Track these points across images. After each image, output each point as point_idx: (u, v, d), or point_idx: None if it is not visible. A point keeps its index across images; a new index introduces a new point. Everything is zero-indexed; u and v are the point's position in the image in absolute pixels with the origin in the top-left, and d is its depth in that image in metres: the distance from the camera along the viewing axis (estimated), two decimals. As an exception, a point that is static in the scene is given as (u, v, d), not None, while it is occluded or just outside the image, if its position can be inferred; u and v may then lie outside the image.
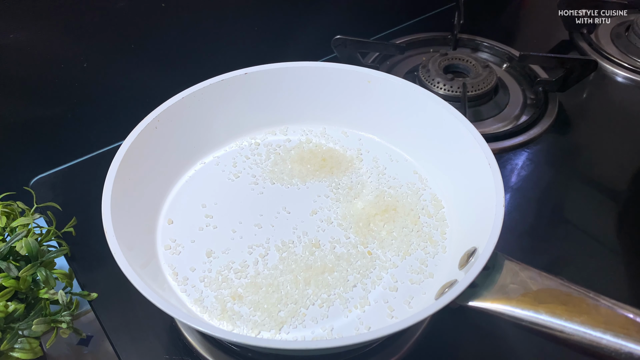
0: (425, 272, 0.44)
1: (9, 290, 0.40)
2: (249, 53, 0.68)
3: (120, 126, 0.48)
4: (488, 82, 0.66)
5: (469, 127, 0.46)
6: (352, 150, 0.54)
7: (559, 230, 0.54)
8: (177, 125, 0.49)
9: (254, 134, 0.56)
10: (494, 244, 0.36)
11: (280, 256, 0.44)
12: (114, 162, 0.43)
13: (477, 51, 0.77)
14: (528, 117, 0.65)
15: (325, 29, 0.71)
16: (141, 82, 0.62)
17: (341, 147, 0.54)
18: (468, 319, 0.45)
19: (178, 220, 0.47)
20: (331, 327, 0.40)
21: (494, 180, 0.41)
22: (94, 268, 0.49)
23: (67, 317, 0.43)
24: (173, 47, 0.62)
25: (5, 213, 0.44)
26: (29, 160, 0.59)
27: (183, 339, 0.45)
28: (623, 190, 0.59)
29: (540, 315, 0.33)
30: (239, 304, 0.41)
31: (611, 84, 0.73)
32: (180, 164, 0.51)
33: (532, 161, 0.61)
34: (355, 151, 0.54)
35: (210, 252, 0.45)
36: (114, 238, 0.38)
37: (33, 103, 0.55)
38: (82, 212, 0.50)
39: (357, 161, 0.53)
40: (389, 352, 0.44)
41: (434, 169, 0.51)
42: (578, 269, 0.51)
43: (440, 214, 0.48)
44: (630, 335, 0.31)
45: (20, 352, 0.40)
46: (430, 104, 0.49)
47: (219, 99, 0.51)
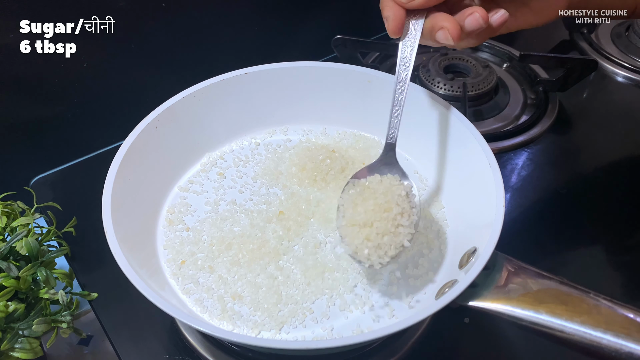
0: (426, 272, 0.44)
1: (9, 290, 0.40)
2: (249, 53, 0.68)
3: (120, 126, 0.48)
4: (488, 82, 0.66)
5: (469, 126, 0.46)
6: (352, 150, 0.54)
7: (559, 230, 0.54)
8: (177, 125, 0.49)
9: (254, 134, 0.56)
10: (494, 244, 0.36)
11: (280, 256, 0.44)
12: (114, 162, 0.43)
13: (477, 51, 0.77)
14: (528, 117, 0.65)
15: (325, 29, 0.71)
16: (141, 82, 0.62)
17: (341, 147, 0.54)
18: (468, 318, 0.45)
19: (178, 221, 0.47)
20: (331, 327, 0.40)
21: (494, 180, 0.41)
22: (94, 268, 0.49)
23: (68, 317, 0.43)
24: (173, 47, 0.62)
25: (5, 213, 0.44)
26: (29, 160, 0.59)
27: (183, 339, 0.45)
28: (623, 190, 0.59)
29: (540, 315, 0.33)
30: (239, 303, 0.41)
31: (611, 84, 0.73)
32: (180, 164, 0.51)
33: (532, 161, 0.61)
34: (355, 151, 0.54)
35: (211, 252, 0.45)
36: (114, 238, 0.38)
37: (33, 103, 0.55)
38: (82, 212, 0.50)
39: (357, 161, 0.53)
40: (389, 352, 0.44)
41: (434, 169, 0.51)
42: (578, 269, 0.51)
43: (441, 214, 0.48)
44: (630, 335, 0.31)
45: (21, 352, 0.40)
46: (430, 104, 0.49)
47: (219, 99, 0.51)
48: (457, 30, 0.37)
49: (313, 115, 0.56)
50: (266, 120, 0.55)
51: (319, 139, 0.55)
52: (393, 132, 0.43)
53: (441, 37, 0.38)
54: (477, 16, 0.37)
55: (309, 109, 0.56)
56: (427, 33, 0.39)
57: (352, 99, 0.54)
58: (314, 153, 0.53)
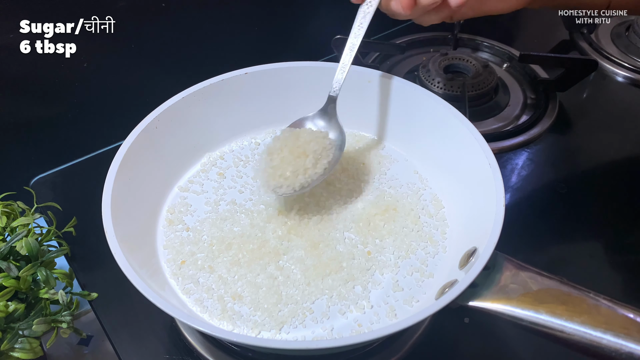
0: (426, 272, 0.44)
1: (9, 290, 0.40)
2: (249, 53, 0.68)
3: (120, 126, 0.48)
4: (488, 82, 0.66)
5: (469, 127, 0.46)
6: (352, 150, 0.54)
7: (559, 230, 0.54)
8: (177, 125, 0.49)
9: (254, 134, 0.56)
10: (494, 244, 0.36)
11: (280, 256, 0.44)
12: (114, 162, 0.43)
13: (477, 51, 0.77)
14: (528, 117, 0.65)
15: (325, 29, 0.71)
16: (141, 82, 0.62)
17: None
18: (468, 318, 0.45)
19: (178, 221, 0.47)
20: (331, 327, 0.40)
21: (494, 180, 0.41)
22: (94, 268, 0.49)
23: (68, 317, 0.43)
24: (173, 47, 0.62)
25: (5, 213, 0.44)
26: (29, 160, 0.59)
27: (183, 339, 0.45)
28: (623, 190, 0.59)
29: (540, 315, 0.33)
30: (239, 303, 0.41)
31: (611, 84, 0.73)
32: (180, 164, 0.51)
33: (533, 161, 0.61)
34: (355, 151, 0.54)
35: (211, 252, 0.45)
36: (114, 238, 0.38)
37: (33, 103, 0.55)
38: (82, 212, 0.50)
39: (357, 161, 0.53)
40: (389, 352, 0.44)
41: (434, 169, 0.51)
42: (578, 269, 0.51)
43: (441, 214, 0.48)
44: (630, 335, 0.31)
45: (21, 352, 0.40)
46: (430, 104, 0.49)
47: (219, 99, 0.51)
48: (410, 2, 0.40)
49: (313, 115, 0.56)
50: (266, 120, 0.55)
51: (319, 139, 0.55)
52: (337, 86, 0.48)
53: (394, 6, 0.41)
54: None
55: (309, 109, 0.55)
56: (384, 2, 0.43)
57: (352, 99, 0.54)
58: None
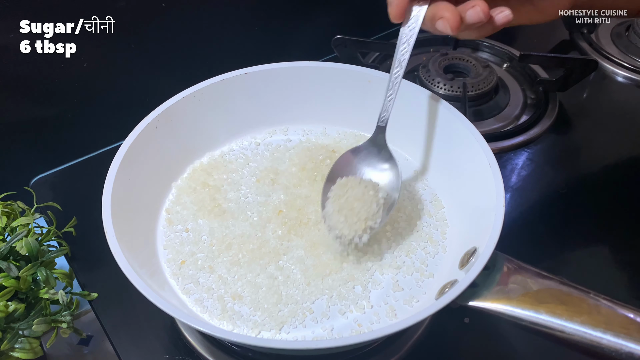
0: (426, 272, 0.44)
1: (9, 290, 0.40)
2: (249, 53, 0.68)
3: (120, 126, 0.48)
4: (488, 82, 0.66)
5: (469, 127, 0.46)
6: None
7: (559, 230, 0.54)
8: (177, 125, 0.49)
9: (254, 134, 0.56)
10: (494, 244, 0.36)
11: (280, 256, 0.44)
12: (114, 162, 0.43)
13: (477, 51, 0.77)
14: (528, 117, 0.65)
15: (325, 29, 0.71)
16: (141, 82, 0.62)
17: (341, 147, 0.54)
18: (468, 318, 0.45)
19: (178, 221, 0.47)
20: (331, 327, 0.40)
21: (494, 180, 0.41)
22: (94, 268, 0.49)
23: (68, 317, 0.43)
24: (173, 47, 0.62)
25: (5, 213, 0.44)
26: (29, 160, 0.59)
27: (183, 339, 0.45)
28: (623, 190, 0.59)
29: (540, 315, 0.33)
30: (239, 303, 0.41)
31: (611, 84, 0.73)
32: (180, 164, 0.51)
33: (533, 161, 0.61)
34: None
35: (211, 252, 0.45)
36: (114, 238, 0.38)
37: (33, 103, 0.55)
38: (82, 212, 0.50)
39: (357, 161, 0.53)
40: (389, 352, 0.44)
41: (434, 169, 0.51)
42: (578, 269, 0.51)
43: (441, 214, 0.48)
44: (630, 335, 0.31)
45: (21, 352, 0.40)
46: (430, 104, 0.49)
47: (219, 99, 0.51)
48: (457, 21, 0.38)
49: (313, 115, 0.56)
50: (266, 120, 0.55)
51: (319, 139, 0.55)
52: (385, 115, 0.45)
53: (441, 26, 0.39)
54: (477, 10, 0.37)
55: (309, 109, 0.55)
56: (428, 21, 0.40)
57: (352, 99, 0.54)
58: (314, 153, 0.53)
